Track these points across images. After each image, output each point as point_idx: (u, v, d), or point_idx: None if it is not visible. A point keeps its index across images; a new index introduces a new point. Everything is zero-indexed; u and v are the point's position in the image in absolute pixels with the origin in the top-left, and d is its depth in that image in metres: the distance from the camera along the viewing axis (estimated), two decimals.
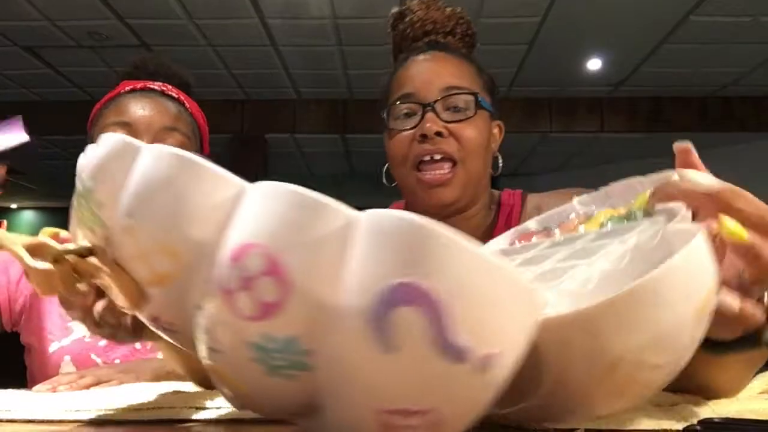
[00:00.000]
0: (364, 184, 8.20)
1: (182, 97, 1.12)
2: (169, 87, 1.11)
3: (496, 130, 1.02)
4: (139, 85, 1.08)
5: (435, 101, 0.93)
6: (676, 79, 4.65)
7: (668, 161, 0.53)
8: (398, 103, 0.96)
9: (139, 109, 1.04)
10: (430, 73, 0.96)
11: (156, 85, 1.09)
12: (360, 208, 0.32)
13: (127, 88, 1.08)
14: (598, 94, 4.99)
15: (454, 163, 0.93)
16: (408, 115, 0.95)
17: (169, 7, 3.62)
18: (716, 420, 0.46)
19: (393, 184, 1.01)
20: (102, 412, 0.60)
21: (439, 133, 0.92)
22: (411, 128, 0.94)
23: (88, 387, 0.85)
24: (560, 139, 5.62)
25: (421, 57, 0.99)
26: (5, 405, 0.63)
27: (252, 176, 0.35)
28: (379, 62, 4.44)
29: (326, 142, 5.98)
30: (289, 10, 3.69)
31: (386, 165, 1.00)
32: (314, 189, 0.32)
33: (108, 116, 1.05)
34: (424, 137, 0.92)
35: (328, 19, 3.80)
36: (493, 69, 1.27)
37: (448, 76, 0.96)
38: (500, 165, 1.01)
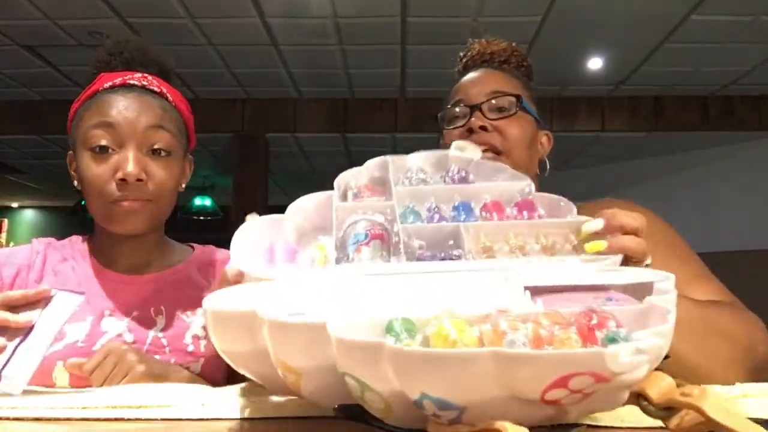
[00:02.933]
0: None
1: (164, 88, 1.07)
2: (150, 79, 1.05)
3: (544, 139, 1.15)
4: (118, 80, 1.03)
5: (481, 103, 1.05)
6: (677, 78, 4.64)
7: (668, 161, 0.54)
8: (451, 107, 1.09)
9: (122, 108, 0.99)
10: (478, 81, 1.10)
11: (136, 79, 1.04)
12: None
13: (106, 85, 1.03)
14: (599, 94, 4.99)
15: (498, 153, 1.03)
16: (459, 118, 1.08)
17: (169, 6, 3.62)
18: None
19: None
20: (109, 410, 0.60)
21: (483, 128, 1.03)
22: (460, 126, 1.06)
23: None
24: (561, 138, 5.59)
25: (472, 72, 1.13)
26: (11, 403, 0.63)
27: (254, 175, 0.35)
28: (380, 61, 4.44)
29: (327, 141, 5.97)
30: (289, 9, 3.69)
31: None
32: (316, 187, 0.32)
33: (90, 117, 1.01)
34: (470, 131, 1.04)
35: (328, 18, 3.79)
36: None
37: (494, 83, 1.08)
38: (547, 168, 1.12)
